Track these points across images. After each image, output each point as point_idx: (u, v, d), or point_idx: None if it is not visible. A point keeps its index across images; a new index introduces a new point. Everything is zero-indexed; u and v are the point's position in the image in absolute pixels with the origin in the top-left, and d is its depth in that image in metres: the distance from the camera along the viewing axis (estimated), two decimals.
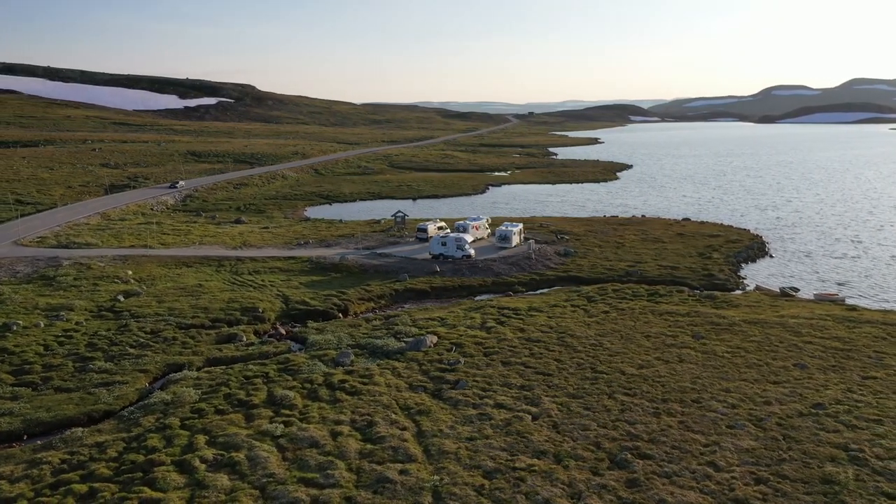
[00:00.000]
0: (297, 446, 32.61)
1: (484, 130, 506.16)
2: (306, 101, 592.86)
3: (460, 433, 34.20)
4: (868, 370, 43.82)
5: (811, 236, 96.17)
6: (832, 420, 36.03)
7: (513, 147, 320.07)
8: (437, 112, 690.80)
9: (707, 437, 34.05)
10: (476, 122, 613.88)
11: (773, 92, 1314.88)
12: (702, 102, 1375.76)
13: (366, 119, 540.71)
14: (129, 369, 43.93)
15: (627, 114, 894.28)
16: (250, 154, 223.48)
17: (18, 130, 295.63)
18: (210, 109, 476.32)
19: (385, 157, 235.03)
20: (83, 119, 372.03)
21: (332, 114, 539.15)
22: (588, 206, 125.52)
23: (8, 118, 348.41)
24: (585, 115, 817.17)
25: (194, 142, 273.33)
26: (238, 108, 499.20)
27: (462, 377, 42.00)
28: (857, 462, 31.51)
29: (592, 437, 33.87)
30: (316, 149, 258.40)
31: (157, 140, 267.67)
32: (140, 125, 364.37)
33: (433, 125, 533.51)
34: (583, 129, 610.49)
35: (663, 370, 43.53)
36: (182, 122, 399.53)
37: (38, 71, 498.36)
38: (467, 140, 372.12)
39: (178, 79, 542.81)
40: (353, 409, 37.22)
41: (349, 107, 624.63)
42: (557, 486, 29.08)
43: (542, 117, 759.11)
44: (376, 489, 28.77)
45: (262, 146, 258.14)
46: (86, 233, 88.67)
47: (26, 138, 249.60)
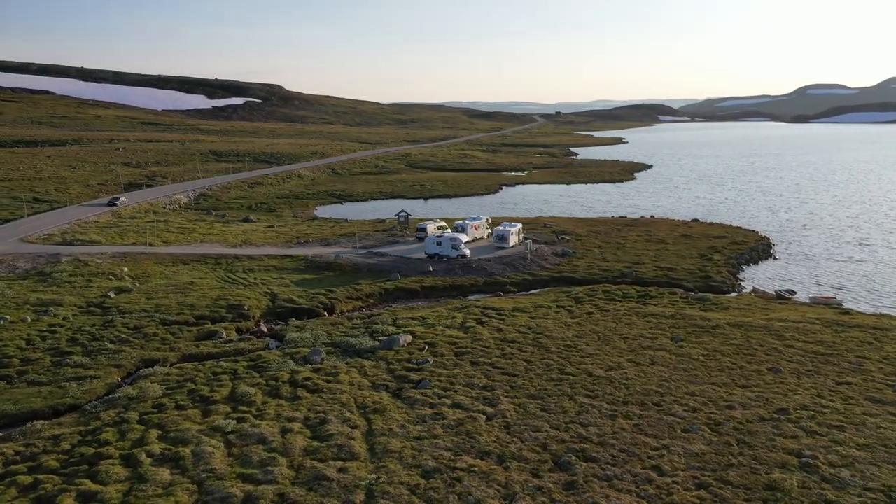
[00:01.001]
0: (244, 442, 32.96)
1: (508, 130, 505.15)
2: (333, 100, 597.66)
3: (410, 432, 34.25)
4: (844, 376, 42.87)
5: (819, 239, 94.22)
6: (793, 426, 35.32)
7: (534, 147, 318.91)
8: (463, 112, 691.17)
9: (659, 440, 33.62)
10: (501, 121, 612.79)
11: (808, 91, 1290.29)
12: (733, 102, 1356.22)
13: (391, 119, 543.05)
14: (104, 364, 44.75)
15: (656, 113, 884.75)
16: (270, 154, 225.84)
17: (49, 130, 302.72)
18: (237, 109, 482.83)
19: (404, 157, 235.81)
20: (113, 119, 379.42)
21: (357, 113, 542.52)
22: (596, 207, 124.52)
23: (40, 118, 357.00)
24: (613, 115, 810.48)
25: (218, 141, 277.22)
26: (265, 107, 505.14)
27: (427, 377, 42.03)
28: (807, 469, 30.87)
29: (542, 438, 33.66)
30: (336, 148, 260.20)
31: (181, 140, 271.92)
32: (168, 125, 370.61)
33: (458, 125, 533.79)
34: (609, 128, 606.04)
35: (632, 372, 43.08)
36: (209, 122, 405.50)
37: (72, 72, 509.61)
38: (490, 140, 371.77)
39: (207, 79, 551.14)
40: (309, 406, 37.48)
41: (375, 106, 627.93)
42: (493, 487, 28.97)
43: (569, 117, 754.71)
44: (311, 486, 28.96)
45: (284, 146, 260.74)
46: (92, 230, 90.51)
47: (55, 138, 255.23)
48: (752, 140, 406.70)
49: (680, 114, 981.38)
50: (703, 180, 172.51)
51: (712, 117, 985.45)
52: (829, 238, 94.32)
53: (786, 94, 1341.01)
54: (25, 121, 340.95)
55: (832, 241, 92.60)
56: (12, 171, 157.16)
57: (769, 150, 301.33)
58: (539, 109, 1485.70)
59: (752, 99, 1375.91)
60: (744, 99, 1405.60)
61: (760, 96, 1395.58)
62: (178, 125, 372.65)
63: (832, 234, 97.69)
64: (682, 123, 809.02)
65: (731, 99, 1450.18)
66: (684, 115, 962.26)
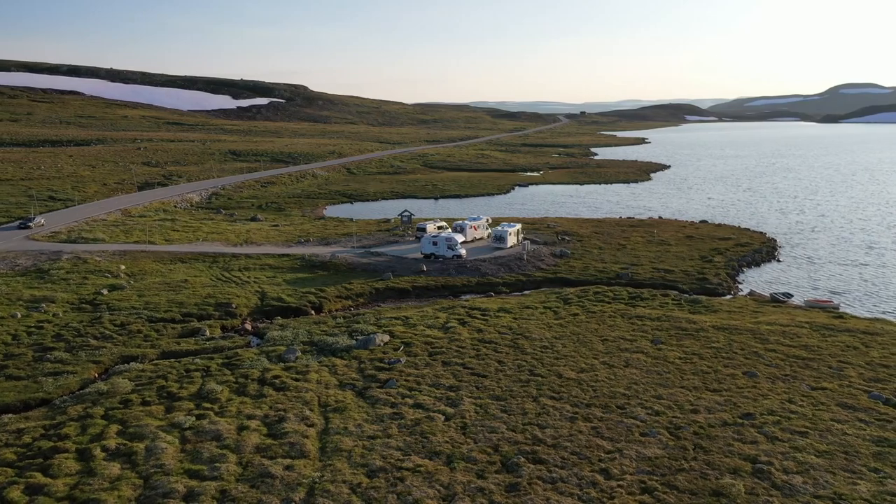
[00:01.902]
0: (199, 439, 33.35)
1: (531, 130, 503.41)
2: (357, 101, 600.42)
3: (365, 432, 34.36)
4: (821, 381, 42.08)
5: (827, 241, 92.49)
6: (755, 431, 34.76)
7: (555, 147, 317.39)
8: (487, 112, 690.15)
9: (614, 444, 33.31)
10: (525, 121, 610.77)
11: (841, 90, 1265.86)
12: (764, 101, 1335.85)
13: (414, 119, 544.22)
14: (83, 360, 45.55)
15: (683, 113, 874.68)
16: (287, 153, 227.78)
17: (76, 129, 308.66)
18: (261, 109, 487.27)
19: (420, 157, 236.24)
20: (139, 119, 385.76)
21: (380, 113, 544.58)
22: (604, 208, 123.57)
23: (69, 118, 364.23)
24: (639, 115, 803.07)
25: (239, 141, 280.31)
26: (289, 108, 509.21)
27: (395, 376, 42.12)
28: (759, 475, 30.35)
29: (495, 439, 33.55)
30: (354, 148, 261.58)
31: (202, 139, 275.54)
32: (192, 125, 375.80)
33: (480, 125, 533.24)
34: (634, 128, 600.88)
35: (603, 374, 42.73)
36: (233, 122, 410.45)
37: (101, 73, 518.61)
38: (510, 140, 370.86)
39: (233, 79, 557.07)
40: (272, 404, 37.79)
41: (399, 106, 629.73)
42: (434, 488, 28.95)
43: (594, 117, 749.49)
44: (255, 483, 29.21)
45: (303, 145, 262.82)
46: (99, 229, 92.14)
47: (80, 137, 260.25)
48: (777, 140, 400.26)
49: (707, 114, 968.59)
50: (718, 181, 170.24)
51: (740, 117, 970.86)
52: (837, 241, 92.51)
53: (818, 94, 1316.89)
54: (54, 121, 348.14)
55: (840, 243, 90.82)
56: (33, 171, 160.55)
57: (792, 151, 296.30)
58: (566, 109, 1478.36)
59: (783, 98, 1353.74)
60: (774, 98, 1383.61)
61: (791, 96, 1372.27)
62: (202, 125, 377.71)
63: (841, 236, 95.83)
64: (709, 123, 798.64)
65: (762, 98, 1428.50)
66: (712, 115, 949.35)
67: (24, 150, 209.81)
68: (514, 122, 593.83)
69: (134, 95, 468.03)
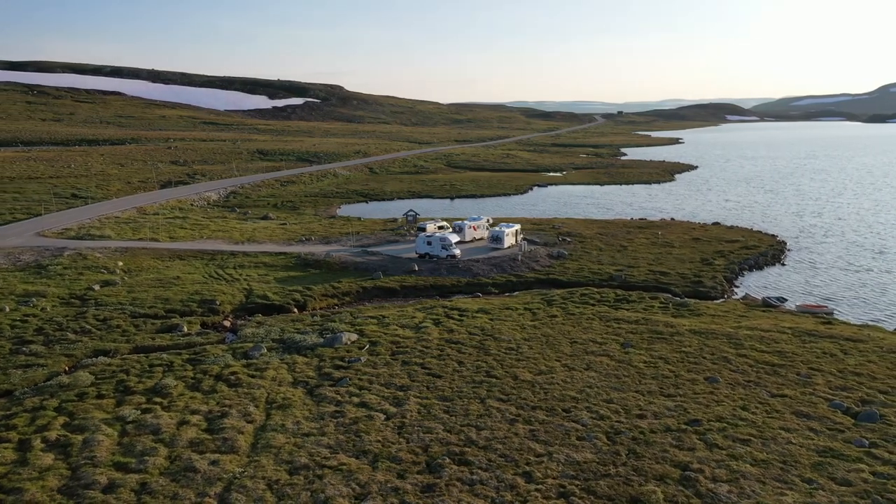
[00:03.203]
0: (139, 432, 34.05)
1: (564, 130, 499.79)
2: (391, 100, 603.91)
3: (301, 429, 34.67)
4: (784, 388, 41.02)
5: (837, 245, 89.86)
6: (696, 437, 34.07)
7: (584, 147, 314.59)
8: (522, 112, 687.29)
9: (547, 447, 32.99)
10: (559, 121, 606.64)
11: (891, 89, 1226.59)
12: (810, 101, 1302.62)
13: (447, 119, 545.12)
14: (57, 353, 46.86)
15: (724, 113, 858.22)
16: (313, 153, 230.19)
17: (115, 129, 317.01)
18: (296, 109, 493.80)
19: (445, 157, 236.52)
20: (176, 119, 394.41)
21: (414, 113, 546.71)
22: (616, 209, 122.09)
23: (109, 118, 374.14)
24: (678, 115, 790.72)
25: (269, 140, 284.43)
26: (323, 107, 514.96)
27: (350, 375, 42.38)
28: (685, 482, 29.77)
29: (428, 440, 33.52)
30: (380, 148, 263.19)
31: (233, 139, 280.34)
32: (227, 124, 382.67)
33: (513, 125, 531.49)
34: (672, 128, 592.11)
35: (560, 377, 42.32)
36: (267, 122, 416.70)
37: (143, 73, 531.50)
38: (541, 140, 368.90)
39: (270, 80, 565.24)
40: (220, 400, 38.36)
41: (433, 106, 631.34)
42: (349, 486, 29.08)
43: (631, 116, 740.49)
44: (176, 477, 29.73)
45: (331, 145, 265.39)
46: (109, 226, 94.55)
47: (115, 137, 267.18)
48: (815, 141, 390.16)
49: (749, 114, 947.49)
50: (741, 182, 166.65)
51: (784, 117, 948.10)
52: (849, 245, 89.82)
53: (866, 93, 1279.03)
54: (95, 120, 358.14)
55: (851, 248, 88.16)
56: (63, 169, 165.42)
57: (828, 152, 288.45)
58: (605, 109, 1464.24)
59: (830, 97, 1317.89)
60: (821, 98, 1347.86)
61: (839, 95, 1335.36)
62: (237, 125, 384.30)
63: (854, 240, 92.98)
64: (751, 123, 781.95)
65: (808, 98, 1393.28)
66: (754, 115, 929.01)
67: (59, 150, 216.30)
68: (547, 121, 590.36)
69: (173, 96, 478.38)
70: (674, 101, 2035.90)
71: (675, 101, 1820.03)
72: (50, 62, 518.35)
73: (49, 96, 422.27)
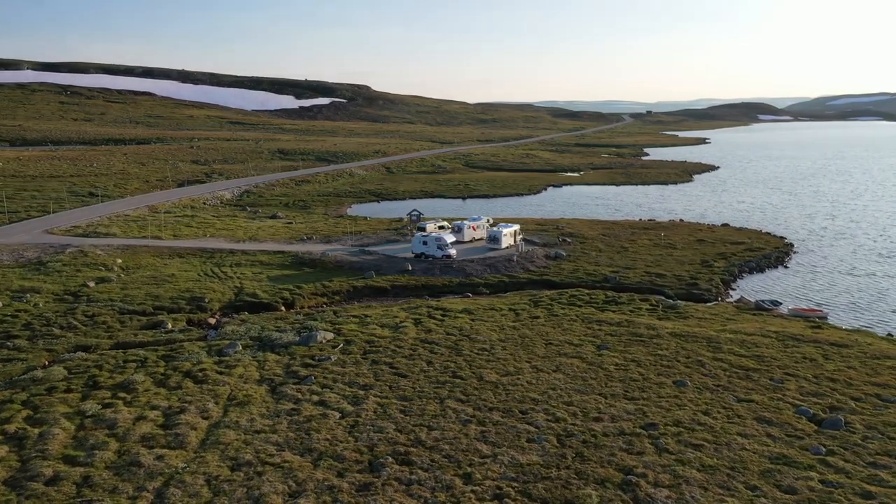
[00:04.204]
0: (96, 427, 34.70)
1: (589, 130, 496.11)
2: (417, 100, 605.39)
3: (254, 426, 35.02)
4: (752, 393, 40.32)
5: (845, 248, 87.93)
6: (648, 441, 33.66)
7: (607, 147, 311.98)
8: (549, 112, 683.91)
9: (495, 448, 32.86)
10: (586, 121, 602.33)
11: None
12: (847, 100, 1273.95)
13: (473, 119, 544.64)
14: (39, 348, 47.95)
15: (756, 113, 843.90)
16: (333, 153, 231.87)
17: (143, 129, 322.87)
18: (322, 109, 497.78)
19: (464, 157, 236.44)
20: (204, 119, 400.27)
21: (439, 113, 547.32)
22: (625, 209, 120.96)
23: (139, 118, 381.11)
24: (708, 115, 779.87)
25: (292, 140, 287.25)
26: (349, 107, 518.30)
27: (316, 373, 42.67)
28: (624, 487, 29.43)
29: (377, 439, 33.62)
30: (400, 147, 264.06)
31: (256, 138, 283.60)
32: (253, 124, 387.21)
33: (539, 124, 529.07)
34: (701, 128, 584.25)
35: (526, 379, 42.10)
36: (293, 122, 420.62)
37: (173, 74, 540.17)
38: (564, 140, 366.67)
39: (297, 80, 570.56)
40: (182, 396, 38.91)
41: (459, 106, 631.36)
42: (286, 484, 29.29)
43: (660, 116, 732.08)
44: (119, 471, 30.24)
45: (352, 145, 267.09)
46: (117, 224, 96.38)
47: (142, 136, 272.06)
48: (846, 140, 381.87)
49: (783, 113, 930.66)
50: (759, 183, 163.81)
51: (819, 117, 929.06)
52: (856, 248, 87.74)
53: None
54: (124, 120, 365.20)
55: (858, 251, 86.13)
56: (85, 168, 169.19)
57: (856, 152, 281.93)
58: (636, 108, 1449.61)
59: (868, 97, 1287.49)
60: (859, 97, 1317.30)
61: (878, 94, 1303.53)
62: (263, 124, 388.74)
63: (863, 243, 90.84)
64: (783, 123, 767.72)
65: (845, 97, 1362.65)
66: (787, 115, 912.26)
67: (84, 149, 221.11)
68: (574, 121, 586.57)
69: (202, 96, 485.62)
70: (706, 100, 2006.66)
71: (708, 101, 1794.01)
72: (83, 63, 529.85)
73: (82, 97, 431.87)
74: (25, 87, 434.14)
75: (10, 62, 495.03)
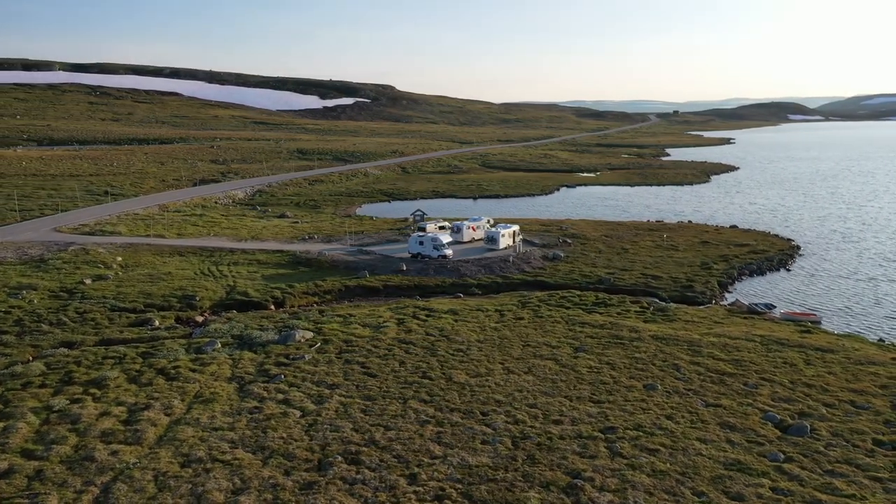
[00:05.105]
0: (60, 421, 35.40)
1: (613, 130, 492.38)
2: (442, 100, 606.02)
3: (213, 423, 35.43)
4: (722, 398, 39.77)
5: (852, 252, 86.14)
6: (604, 445, 33.39)
7: (628, 147, 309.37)
8: (574, 111, 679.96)
9: (447, 450, 32.85)
10: (611, 121, 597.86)
11: None
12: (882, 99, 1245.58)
13: (496, 119, 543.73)
14: (25, 344, 48.99)
15: (786, 112, 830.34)
16: (351, 152, 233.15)
17: (168, 129, 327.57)
18: (346, 109, 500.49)
19: (481, 157, 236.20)
20: (228, 119, 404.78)
21: (462, 113, 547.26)
22: (633, 210, 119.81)
23: (165, 118, 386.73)
24: (736, 115, 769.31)
25: (313, 140, 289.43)
26: (373, 107, 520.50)
27: (287, 372, 43.01)
28: (569, 490, 29.24)
29: (331, 438, 33.81)
30: (418, 147, 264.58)
31: (277, 138, 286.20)
32: (276, 124, 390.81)
33: (563, 124, 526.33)
34: (728, 128, 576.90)
35: (496, 380, 41.99)
36: (316, 122, 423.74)
37: (200, 74, 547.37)
38: (586, 140, 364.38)
39: (322, 80, 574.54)
40: (150, 393, 39.47)
41: (483, 106, 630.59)
42: (231, 481, 29.60)
43: (687, 116, 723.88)
44: (72, 465, 30.83)
45: (372, 144, 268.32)
46: (125, 222, 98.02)
47: (166, 136, 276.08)
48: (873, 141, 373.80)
49: (814, 113, 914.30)
50: (775, 185, 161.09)
51: (851, 116, 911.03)
52: (862, 252, 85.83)
53: None
54: (151, 120, 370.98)
55: (864, 255, 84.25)
56: (105, 167, 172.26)
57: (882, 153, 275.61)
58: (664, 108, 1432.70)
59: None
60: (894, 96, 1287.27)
61: None
62: (286, 124, 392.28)
63: (870, 247, 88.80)
64: (814, 123, 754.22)
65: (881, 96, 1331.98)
66: (818, 115, 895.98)
67: (107, 148, 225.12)
68: (598, 121, 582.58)
69: (227, 96, 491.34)
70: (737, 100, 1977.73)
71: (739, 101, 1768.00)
72: (113, 64, 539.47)
73: (111, 97, 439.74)
74: (56, 87, 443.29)
75: (43, 63, 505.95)
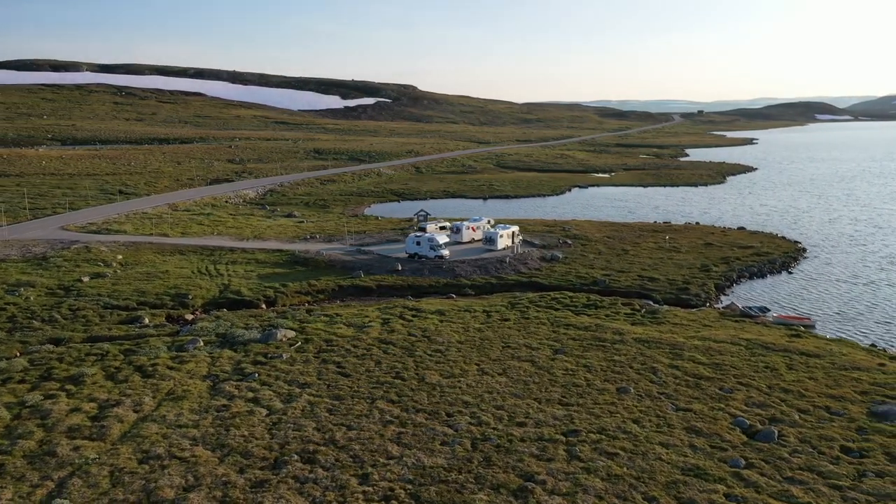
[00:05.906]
0: (30, 417, 36.05)
1: (634, 130, 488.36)
2: (463, 100, 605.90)
3: (179, 420, 35.85)
4: (695, 402, 39.33)
5: (854, 255, 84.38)
6: (562, 448, 33.19)
7: (648, 147, 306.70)
8: (597, 111, 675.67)
9: (405, 450, 32.90)
10: (633, 121, 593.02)
11: None
12: None
13: (517, 118, 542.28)
14: (14, 340, 49.99)
15: (814, 112, 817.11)
16: (367, 152, 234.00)
17: (190, 129, 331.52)
18: (367, 109, 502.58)
19: (496, 157, 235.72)
20: (250, 119, 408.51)
21: (483, 113, 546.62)
22: (639, 212, 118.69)
23: (188, 118, 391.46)
24: (762, 114, 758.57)
25: (331, 140, 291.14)
26: (394, 107, 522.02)
27: (262, 371, 43.36)
28: (519, 493, 29.13)
29: (292, 437, 34.05)
30: (434, 147, 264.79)
31: (295, 138, 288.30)
32: (296, 124, 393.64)
33: (584, 124, 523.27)
34: (753, 128, 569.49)
35: (468, 382, 41.94)
36: (336, 122, 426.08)
37: (224, 75, 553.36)
38: (605, 140, 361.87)
39: (343, 80, 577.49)
40: (124, 389, 40.05)
41: (504, 106, 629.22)
42: (184, 478, 29.94)
43: (711, 116, 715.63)
44: (32, 460, 31.42)
45: (388, 144, 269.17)
46: (132, 221, 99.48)
47: (186, 136, 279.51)
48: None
49: (843, 113, 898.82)
50: (790, 186, 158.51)
51: (881, 116, 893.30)
52: (867, 255, 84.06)
53: None
54: (174, 120, 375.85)
55: (868, 258, 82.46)
56: (123, 166, 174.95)
57: None
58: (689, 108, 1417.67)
59: None
60: None
61: None
62: (306, 124, 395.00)
63: (877, 250, 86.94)
64: (842, 123, 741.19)
65: None
66: (847, 115, 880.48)
67: (127, 148, 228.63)
68: (620, 121, 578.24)
69: (250, 96, 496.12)
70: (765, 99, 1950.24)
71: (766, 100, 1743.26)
72: (139, 65, 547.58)
73: (136, 97, 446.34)
74: (83, 87, 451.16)
75: (70, 64, 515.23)
